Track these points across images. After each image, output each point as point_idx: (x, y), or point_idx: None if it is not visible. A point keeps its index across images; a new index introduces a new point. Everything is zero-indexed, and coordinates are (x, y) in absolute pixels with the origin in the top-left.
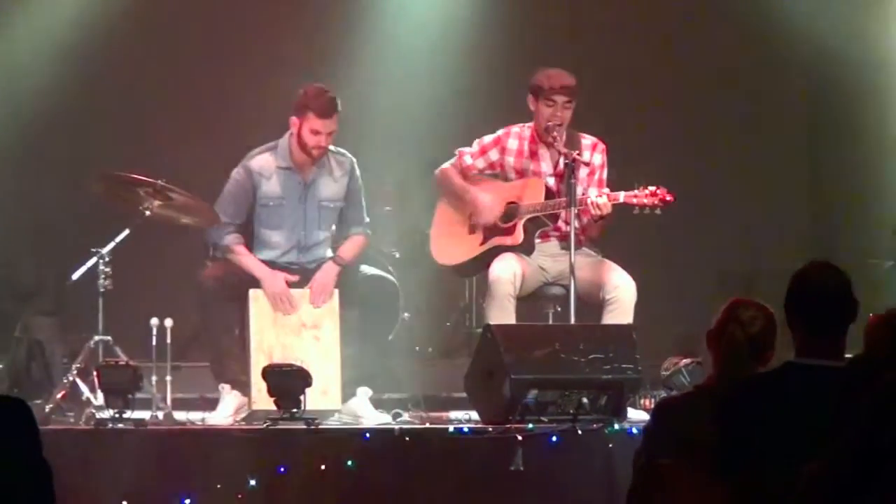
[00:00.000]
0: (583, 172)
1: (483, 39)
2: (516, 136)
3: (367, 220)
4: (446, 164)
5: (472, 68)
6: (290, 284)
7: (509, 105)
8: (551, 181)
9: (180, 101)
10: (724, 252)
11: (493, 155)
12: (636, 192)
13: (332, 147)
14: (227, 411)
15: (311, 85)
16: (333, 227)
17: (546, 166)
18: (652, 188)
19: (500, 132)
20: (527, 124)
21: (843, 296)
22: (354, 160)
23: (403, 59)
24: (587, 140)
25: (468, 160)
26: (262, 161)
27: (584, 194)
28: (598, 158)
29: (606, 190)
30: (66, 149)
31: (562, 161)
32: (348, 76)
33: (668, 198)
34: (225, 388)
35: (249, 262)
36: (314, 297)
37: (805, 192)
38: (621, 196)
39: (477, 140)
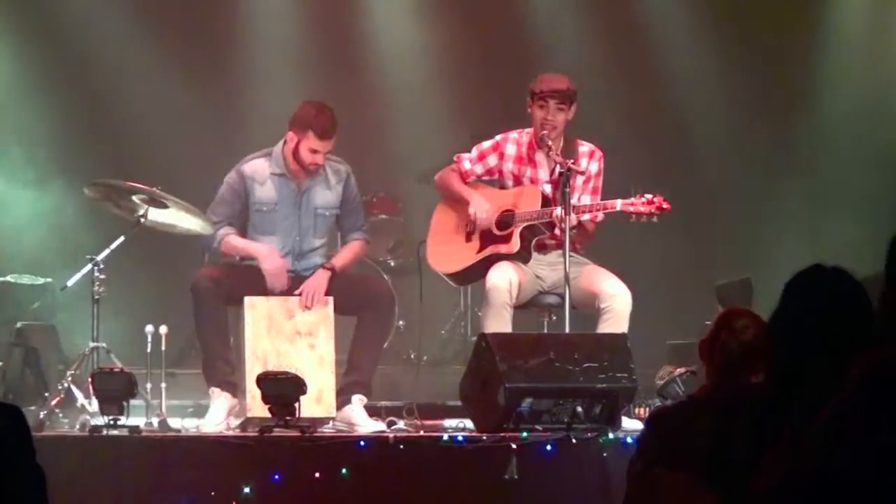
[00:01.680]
0: (578, 180)
1: (484, 46)
2: (514, 141)
3: (365, 225)
4: (445, 170)
5: (470, 75)
6: (290, 277)
7: (508, 112)
8: (548, 188)
9: (176, 109)
10: (719, 262)
11: (492, 160)
12: (633, 199)
13: (328, 155)
14: (218, 416)
15: (313, 103)
16: (328, 235)
17: (543, 173)
18: (648, 196)
19: (498, 137)
20: (525, 130)
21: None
22: (350, 168)
23: (399, 66)
24: (584, 147)
25: (467, 165)
26: (256, 166)
27: (577, 201)
28: (595, 166)
29: (586, 200)
30: (61, 156)
31: (557, 168)
32: (343, 83)
33: (665, 206)
34: (214, 392)
35: (244, 243)
36: (304, 299)
37: (803, 202)
38: (618, 204)
39: (475, 146)
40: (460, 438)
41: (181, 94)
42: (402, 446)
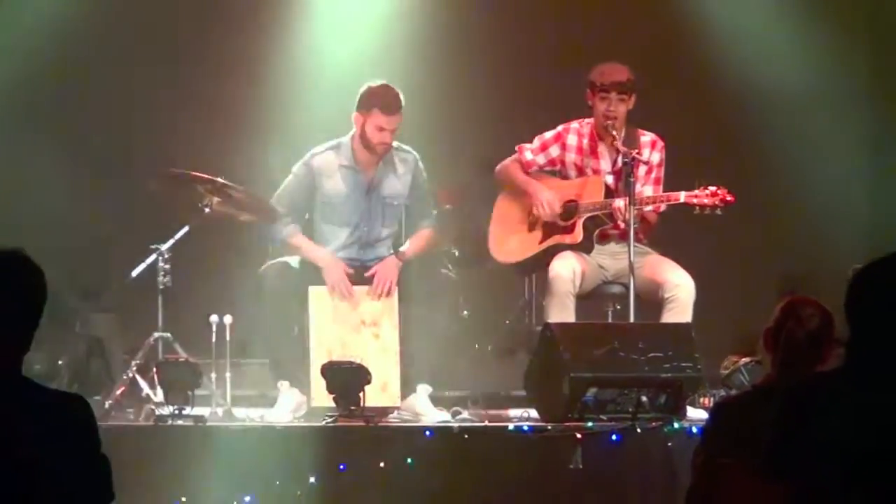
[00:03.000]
0: (641, 170)
1: (544, 35)
2: (575, 132)
3: (434, 213)
4: (507, 161)
5: (533, 64)
6: (358, 266)
7: (569, 102)
8: (610, 179)
9: (241, 100)
10: (785, 251)
11: (554, 151)
12: (696, 191)
13: (395, 143)
14: (285, 408)
15: (375, 82)
16: (396, 225)
17: (605, 164)
18: (713, 188)
19: (559, 128)
20: (586, 120)
21: None
22: (418, 156)
23: (464, 56)
24: (646, 137)
25: (528, 156)
26: (324, 159)
27: (640, 192)
28: (657, 156)
29: (648, 191)
30: (127, 147)
31: (620, 159)
32: (409, 73)
33: (729, 198)
34: (283, 385)
35: (309, 249)
36: (375, 288)
37: (867, 192)
38: (682, 196)
39: (537, 136)
40: (525, 428)
41: (246, 86)
42: (466, 436)
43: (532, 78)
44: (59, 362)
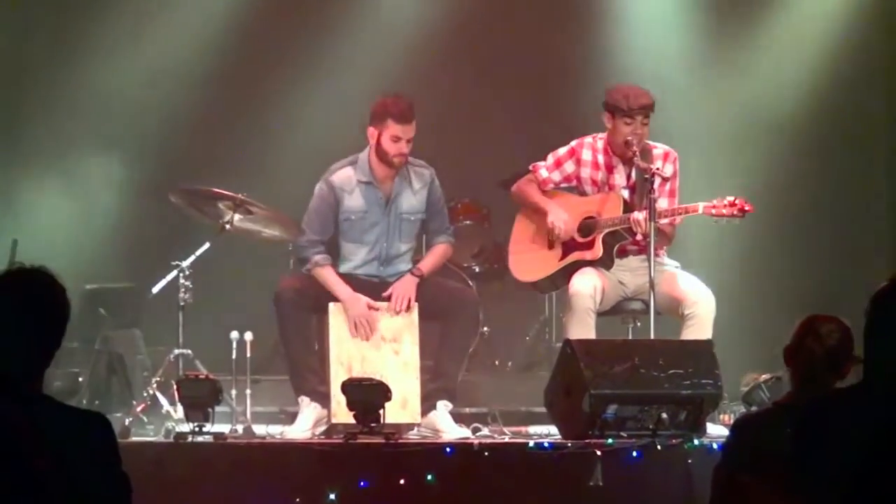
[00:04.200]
0: (656, 183)
1: (559, 54)
2: (589, 147)
3: (450, 228)
4: (522, 181)
5: (550, 81)
6: (377, 282)
7: (585, 118)
8: (625, 194)
9: (261, 116)
10: (805, 268)
11: (569, 167)
12: (714, 202)
13: (411, 159)
14: (306, 424)
15: (387, 94)
16: (414, 240)
17: (620, 178)
18: (730, 198)
19: (573, 143)
20: (598, 135)
21: None
22: (433, 172)
23: (481, 73)
24: (658, 150)
25: (544, 174)
26: (344, 175)
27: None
28: (670, 168)
29: (663, 203)
30: (148, 164)
31: (634, 173)
32: (426, 89)
33: (748, 207)
34: (304, 401)
35: (334, 283)
36: (393, 304)
37: (889, 207)
38: (700, 207)
39: (551, 154)
40: (546, 445)
41: (266, 101)
42: (487, 453)
43: (551, 92)
44: (80, 379)
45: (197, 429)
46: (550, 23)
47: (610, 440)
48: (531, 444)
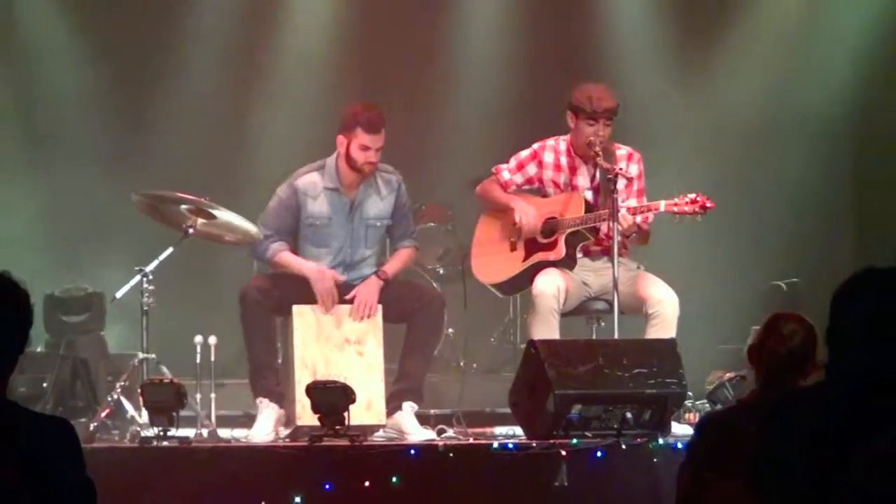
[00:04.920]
0: (621, 184)
1: (524, 55)
2: (552, 149)
3: (415, 232)
4: (485, 181)
5: (516, 84)
6: (339, 286)
7: (553, 118)
8: (589, 194)
9: (224, 121)
10: (768, 266)
11: (531, 169)
12: (676, 200)
13: (378, 164)
14: (266, 427)
15: (357, 102)
16: (378, 245)
17: (583, 179)
18: (692, 195)
19: (535, 146)
20: (561, 137)
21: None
22: (400, 177)
23: (447, 77)
24: (622, 150)
25: (506, 175)
26: (309, 181)
27: (621, 206)
28: (635, 168)
29: (632, 203)
30: (112, 169)
31: (598, 174)
32: (391, 94)
33: (709, 204)
34: (263, 403)
35: (296, 262)
36: (356, 309)
37: (851, 206)
38: (662, 205)
39: (513, 156)
40: (510, 446)
41: (230, 106)
42: (452, 454)
43: (515, 94)
44: (44, 384)
45: (161, 433)
46: (516, 23)
47: (575, 440)
48: (496, 444)
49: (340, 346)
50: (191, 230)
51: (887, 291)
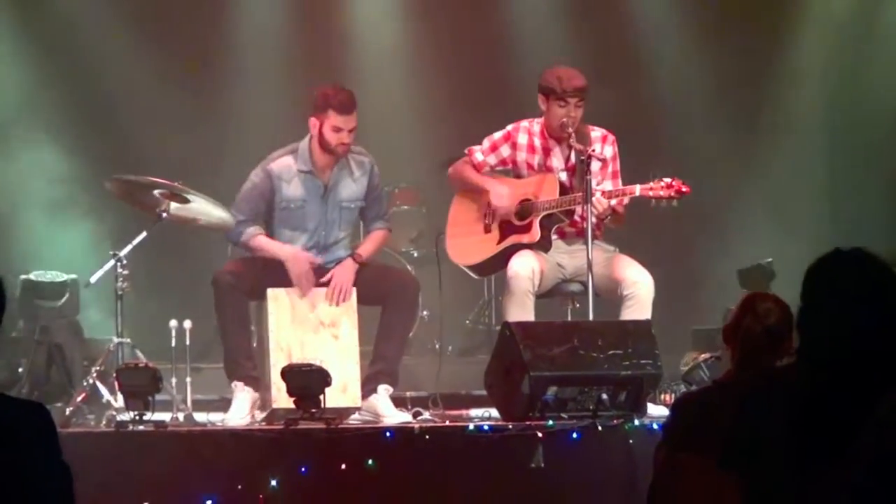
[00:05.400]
0: (595, 166)
1: (497, 36)
2: (525, 130)
3: (388, 214)
4: (458, 163)
5: (487, 65)
6: (315, 269)
7: (525, 101)
8: (563, 176)
9: (198, 104)
10: (742, 247)
11: (505, 151)
12: (651, 184)
13: (351, 147)
14: (241, 410)
15: (327, 84)
16: (352, 227)
17: (557, 161)
18: (667, 180)
19: (509, 128)
20: (535, 119)
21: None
22: (373, 159)
23: (419, 58)
24: (596, 132)
25: (479, 157)
26: (283, 164)
27: (598, 187)
28: (609, 150)
29: (608, 186)
30: (85, 153)
31: (573, 156)
32: (363, 76)
33: (684, 189)
34: (238, 386)
35: (271, 246)
36: (331, 294)
37: (824, 188)
38: (637, 189)
39: (487, 137)
40: (486, 428)
41: (202, 88)
42: (427, 436)
43: (487, 76)
44: (20, 370)
45: (137, 417)
46: (488, 3)
47: (550, 422)
48: (471, 427)
49: (315, 329)
50: (164, 215)
51: (856, 271)
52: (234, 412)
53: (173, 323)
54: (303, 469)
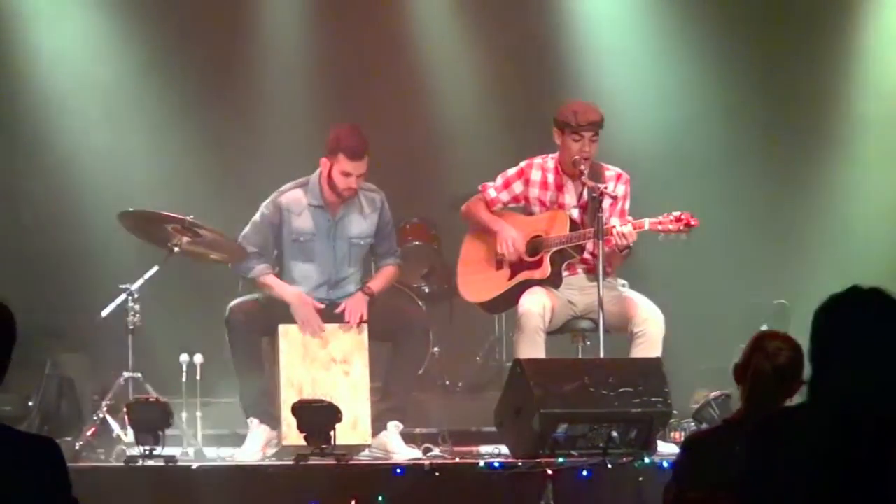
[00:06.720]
0: (607, 203)
1: (511, 73)
2: (539, 167)
3: (398, 250)
4: (471, 200)
5: (500, 102)
6: (319, 313)
7: (537, 137)
8: (576, 213)
9: (209, 138)
10: (754, 285)
11: (518, 187)
12: (661, 218)
13: (361, 182)
14: (255, 446)
15: (343, 125)
16: (362, 263)
17: (570, 198)
18: (676, 213)
19: (522, 164)
20: (549, 156)
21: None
22: (384, 195)
23: (431, 95)
24: (611, 171)
25: (492, 193)
26: (293, 197)
27: (606, 224)
28: (622, 189)
29: (630, 218)
30: (96, 187)
31: (586, 192)
32: (376, 111)
33: (693, 222)
34: (253, 423)
35: (278, 287)
36: (347, 316)
37: (835, 224)
38: (646, 223)
39: (500, 174)
40: (496, 465)
41: (214, 124)
42: (437, 473)
43: (501, 112)
44: (30, 403)
45: (147, 452)
46: (501, 39)
47: (560, 459)
48: (482, 463)
49: (326, 366)
50: (176, 249)
51: (870, 311)
52: (248, 448)
53: (184, 357)
54: None
